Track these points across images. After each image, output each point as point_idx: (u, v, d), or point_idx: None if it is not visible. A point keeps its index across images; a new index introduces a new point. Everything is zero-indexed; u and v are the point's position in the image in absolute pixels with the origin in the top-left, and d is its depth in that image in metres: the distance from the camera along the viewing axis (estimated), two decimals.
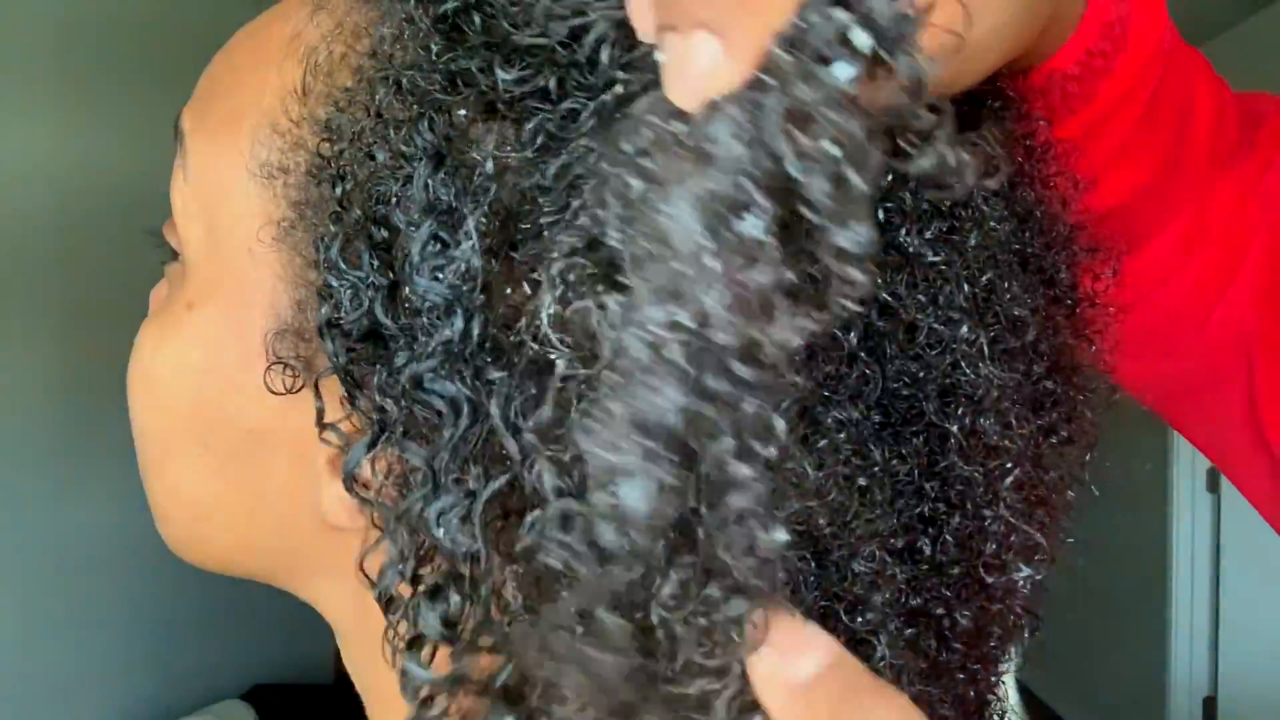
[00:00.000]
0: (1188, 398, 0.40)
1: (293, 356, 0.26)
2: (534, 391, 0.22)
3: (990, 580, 0.27)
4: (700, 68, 0.18)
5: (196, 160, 0.29)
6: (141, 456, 0.31)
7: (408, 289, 0.23)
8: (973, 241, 0.26)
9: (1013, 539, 0.27)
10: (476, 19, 0.24)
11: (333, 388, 0.25)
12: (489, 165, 0.23)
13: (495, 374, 0.23)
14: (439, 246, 0.23)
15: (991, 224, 0.26)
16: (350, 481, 0.24)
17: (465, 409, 0.22)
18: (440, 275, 0.23)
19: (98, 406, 1.45)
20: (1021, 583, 0.28)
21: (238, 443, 0.28)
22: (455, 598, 0.23)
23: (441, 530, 0.23)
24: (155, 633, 1.61)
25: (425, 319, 0.23)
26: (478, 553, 0.23)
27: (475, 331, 0.23)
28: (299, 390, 0.26)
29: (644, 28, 0.20)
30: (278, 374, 0.26)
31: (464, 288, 0.22)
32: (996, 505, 0.27)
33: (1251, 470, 0.40)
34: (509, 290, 0.23)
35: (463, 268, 0.22)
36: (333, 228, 0.24)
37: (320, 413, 0.25)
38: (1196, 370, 0.38)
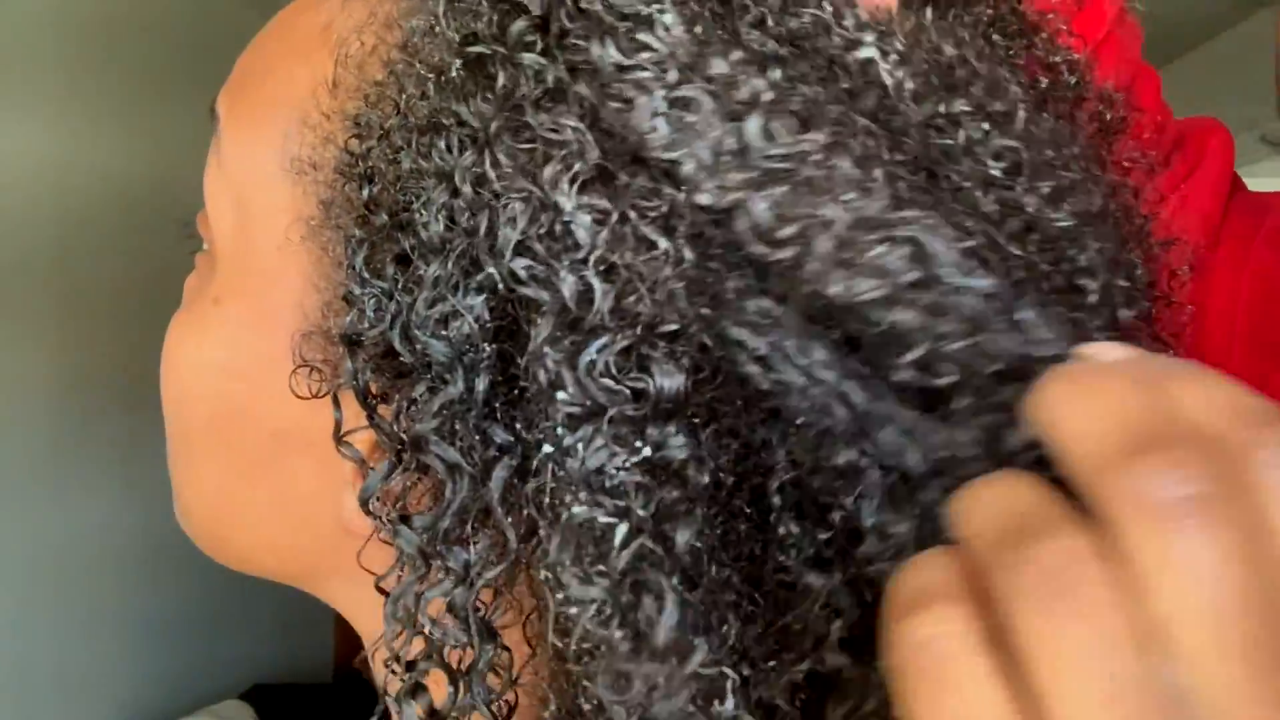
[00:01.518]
0: None
1: (319, 360, 0.25)
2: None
3: None
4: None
5: (230, 149, 0.28)
6: (169, 449, 0.31)
7: (414, 330, 0.21)
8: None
9: None
10: (497, 70, 0.21)
11: (353, 397, 0.24)
12: (514, 206, 0.20)
13: (501, 438, 0.21)
14: (449, 292, 0.21)
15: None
16: (366, 506, 0.23)
17: (464, 479, 0.21)
18: (444, 330, 0.21)
19: (97, 406, 1.44)
20: None
21: (262, 443, 0.28)
22: (447, 689, 0.21)
23: (426, 623, 0.21)
24: (155, 633, 1.60)
25: (431, 372, 0.21)
26: (469, 643, 0.21)
27: (480, 392, 0.21)
28: (325, 395, 0.25)
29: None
30: (303, 377, 0.25)
31: (468, 346, 0.20)
32: None
33: None
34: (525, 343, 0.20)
35: (466, 330, 0.20)
36: (358, 232, 0.23)
37: (338, 425, 0.24)
38: None
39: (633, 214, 0.20)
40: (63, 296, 1.45)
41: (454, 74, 0.22)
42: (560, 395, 0.19)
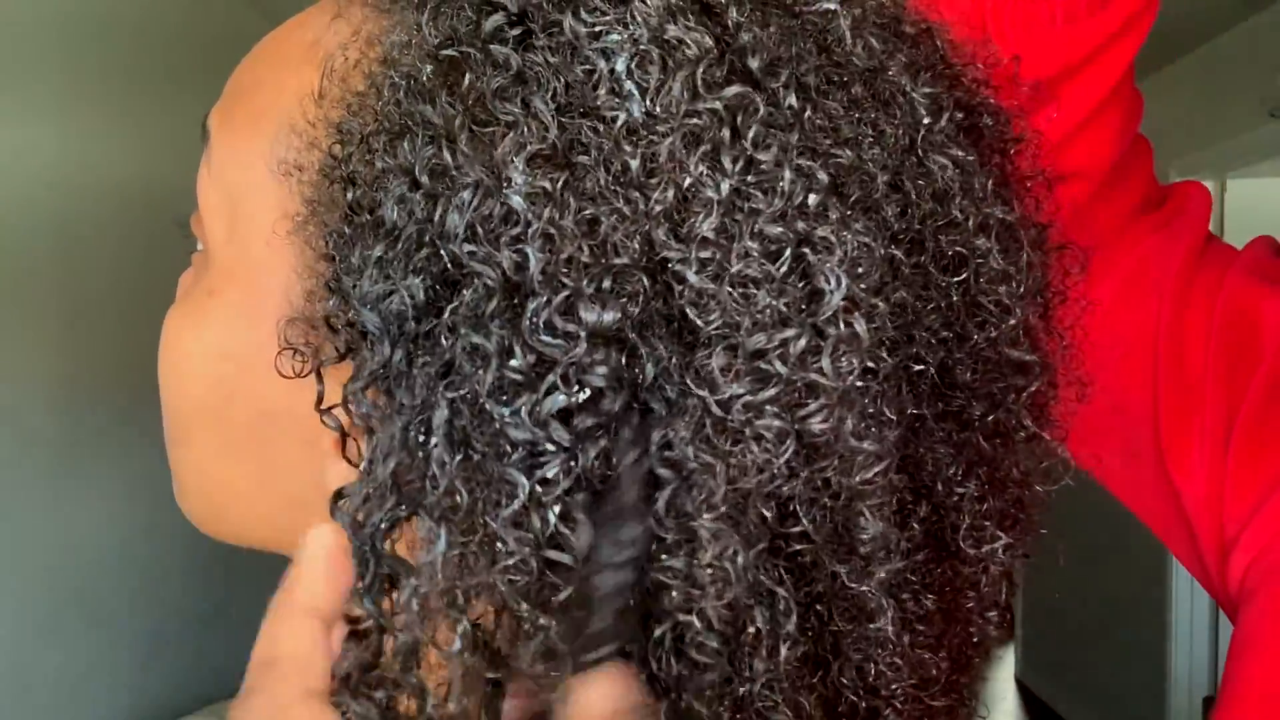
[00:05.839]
0: (1101, 429, 0.40)
1: (302, 343, 0.27)
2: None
3: (973, 552, 0.28)
4: None
5: (220, 158, 0.31)
6: (167, 433, 0.33)
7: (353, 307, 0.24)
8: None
9: (987, 508, 0.28)
10: (470, 76, 0.24)
11: (335, 374, 0.26)
12: (465, 193, 0.23)
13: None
14: (386, 270, 0.23)
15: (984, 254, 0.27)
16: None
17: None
18: (380, 305, 0.23)
19: (97, 406, 1.45)
20: (1001, 552, 0.29)
21: (251, 422, 0.30)
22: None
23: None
24: (155, 633, 1.61)
25: (365, 343, 0.24)
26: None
27: (398, 362, 0.23)
28: (306, 375, 0.27)
29: None
30: (288, 359, 0.27)
31: (395, 321, 0.23)
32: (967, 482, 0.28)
33: (1158, 508, 0.40)
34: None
35: (401, 300, 0.23)
36: (346, 229, 0.25)
37: (320, 396, 0.27)
38: (1111, 402, 0.39)
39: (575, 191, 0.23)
40: (63, 296, 1.45)
41: (424, 78, 0.25)
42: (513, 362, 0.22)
